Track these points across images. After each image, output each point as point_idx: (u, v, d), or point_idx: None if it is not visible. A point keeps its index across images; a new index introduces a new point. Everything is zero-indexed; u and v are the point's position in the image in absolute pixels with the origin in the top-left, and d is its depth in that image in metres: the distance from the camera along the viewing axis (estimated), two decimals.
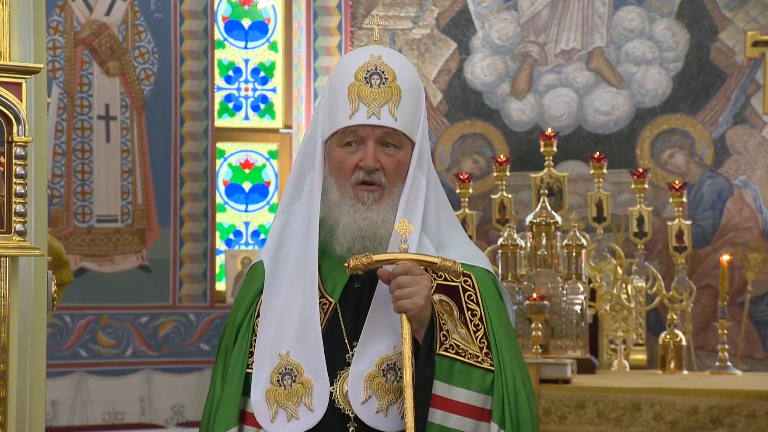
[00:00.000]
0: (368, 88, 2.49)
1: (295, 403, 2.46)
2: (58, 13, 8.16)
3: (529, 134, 8.41)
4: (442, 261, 2.44)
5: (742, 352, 7.82)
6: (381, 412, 2.44)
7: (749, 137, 8.23)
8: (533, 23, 8.59)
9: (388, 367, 2.46)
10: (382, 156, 2.49)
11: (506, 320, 2.54)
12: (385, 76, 2.50)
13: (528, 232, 6.09)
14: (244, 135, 8.78)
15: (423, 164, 2.54)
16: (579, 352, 5.89)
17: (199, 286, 8.35)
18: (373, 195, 2.49)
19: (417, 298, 2.38)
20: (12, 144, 2.45)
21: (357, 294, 2.52)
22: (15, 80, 2.46)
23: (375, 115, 2.48)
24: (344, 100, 2.50)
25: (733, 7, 8.30)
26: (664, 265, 7.79)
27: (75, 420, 8.05)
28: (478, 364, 2.44)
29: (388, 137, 2.49)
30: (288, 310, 2.50)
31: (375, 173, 2.48)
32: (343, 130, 2.50)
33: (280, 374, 2.48)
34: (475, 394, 2.42)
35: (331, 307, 2.52)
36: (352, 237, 2.48)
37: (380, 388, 2.45)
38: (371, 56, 2.52)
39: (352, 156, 2.50)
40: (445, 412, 2.40)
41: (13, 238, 2.46)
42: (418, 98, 2.55)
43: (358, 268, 2.40)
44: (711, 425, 5.10)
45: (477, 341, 2.48)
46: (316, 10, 8.55)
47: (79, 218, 8.19)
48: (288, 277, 2.52)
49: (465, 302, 2.52)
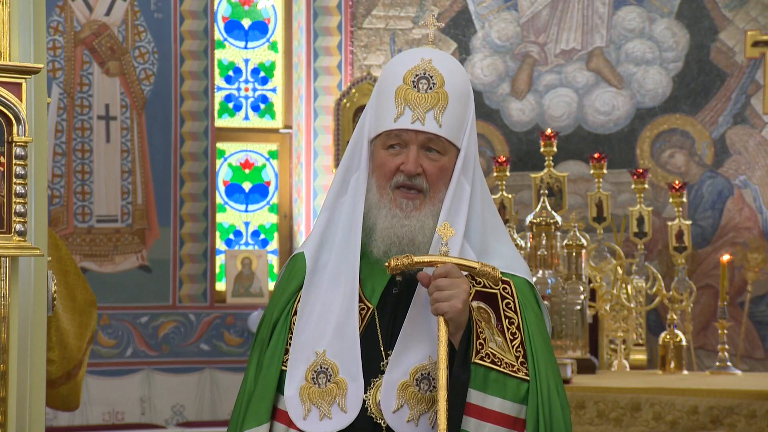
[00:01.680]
0: (415, 93, 2.48)
1: (328, 402, 2.46)
2: (58, 13, 8.16)
3: (529, 134, 8.41)
4: (482, 266, 2.43)
5: (742, 352, 7.82)
6: (412, 421, 2.43)
7: (749, 137, 8.23)
8: (533, 23, 8.59)
9: (422, 376, 2.45)
10: (425, 161, 2.48)
11: (543, 329, 2.53)
12: (433, 81, 2.49)
13: (528, 232, 6.09)
14: (244, 135, 8.78)
15: (468, 170, 2.53)
16: (579, 352, 5.89)
17: (199, 286, 8.35)
18: (414, 203, 2.49)
19: (455, 301, 2.37)
20: (12, 144, 2.45)
21: (394, 300, 2.52)
22: (15, 80, 2.46)
23: (420, 120, 2.47)
24: (391, 102, 2.50)
25: (733, 7, 8.30)
26: (664, 265, 7.78)
27: (75, 420, 8.05)
28: (514, 374, 2.43)
29: (431, 143, 2.48)
30: (327, 309, 2.50)
31: (416, 178, 2.48)
32: (388, 132, 2.50)
33: (315, 372, 2.47)
34: (510, 403, 2.41)
35: (369, 312, 2.51)
36: (389, 242, 2.48)
37: (413, 398, 2.44)
38: (422, 60, 2.51)
39: (394, 159, 2.49)
40: (479, 421, 2.40)
41: (13, 238, 2.46)
42: (466, 104, 2.53)
43: (398, 268, 2.40)
44: (711, 425, 5.10)
45: (513, 350, 2.47)
46: (316, 10, 8.54)
47: (79, 218, 8.19)
48: (328, 275, 2.52)
49: (503, 310, 2.51)
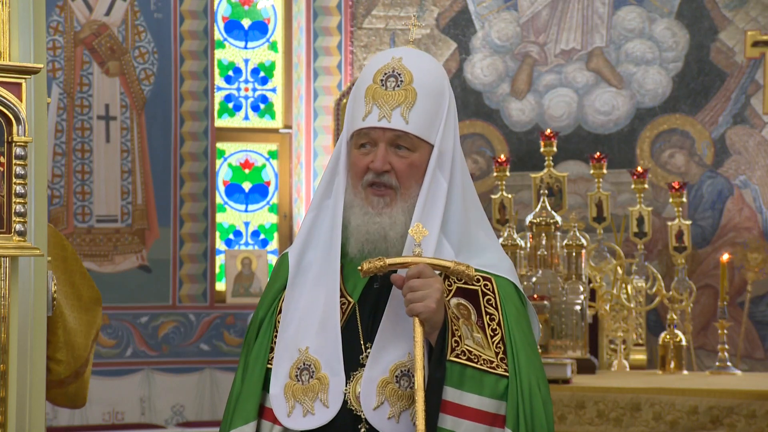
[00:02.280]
0: (383, 91, 2.50)
1: (311, 398, 2.47)
2: (58, 13, 8.16)
3: (529, 134, 8.41)
4: (455, 265, 2.44)
5: (742, 352, 7.82)
6: (393, 418, 2.43)
7: (749, 137, 8.23)
8: (533, 23, 8.59)
9: (401, 373, 2.46)
10: (394, 158, 2.50)
11: (525, 325, 2.53)
12: (401, 79, 2.50)
13: (528, 232, 6.09)
14: (244, 135, 8.78)
15: (445, 166, 2.53)
16: (579, 352, 5.89)
17: (199, 286, 8.35)
18: (384, 200, 2.50)
19: (429, 301, 2.38)
20: (12, 144, 2.45)
21: (375, 295, 2.53)
22: (15, 80, 2.46)
23: (386, 117, 2.49)
24: (361, 102, 2.53)
25: (733, 7, 8.30)
26: (664, 265, 7.78)
27: (75, 420, 8.05)
28: (492, 370, 2.44)
29: (399, 140, 2.50)
30: (311, 307, 2.52)
31: (384, 175, 2.49)
32: (358, 131, 2.52)
33: (298, 369, 2.49)
34: (488, 399, 2.42)
35: (350, 306, 2.53)
36: (362, 240, 2.50)
37: (393, 395, 2.44)
38: (392, 58, 2.54)
39: (364, 157, 2.51)
40: (456, 418, 2.40)
41: (13, 238, 2.46)
42: (439, 100, 2.54)
43: (371, 271, 2.41)
44: (711, 425, 5.10)
45: (493, 346, 2.48)
46: (316, 10, 8.54)
47: (79, 218, 8.19)
48: (313, 274, 2.54)
49: (484, 306, 2.51)
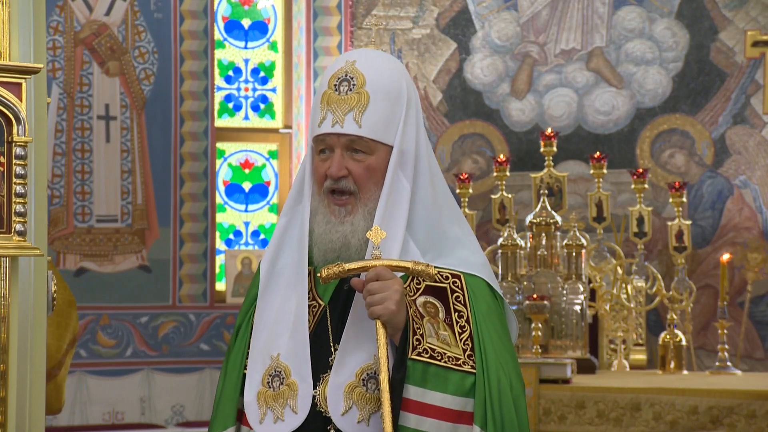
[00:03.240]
0: (336, 96, 2.48)
1: (281, 404, 2.47)
2: (58, 13, 8.16)
3: (529, 134, 8.41)
4: (414, 265, 2.42)
5: (742, 352, 7.82)
6: (363, 422, 2.43)
7: (749, 137, 8.23)
8: (533, 23, 8.59)
9: (368, 376, 2.45)
10: (350, 162, 2.47)
11: (496, 322, 2.51)
12: (353, 83, 2.48)
13: (528, 232, 6.09)
14: (244, 135, 8.78)
15: (406, 166, 2.51)
16: (579, 352, 5.89)
17: (199, 286, 8.35)
18: (346, 208, 2.48)
19: (388, 303, 2.37)
20: (12, 144, 2.45)
21: (345, 297, 2.52)
22: (15, 80, 2.46)
23: (339, 123, 2.47)
24: (318, 108, 2.51)
25: (733, 7, 8.30)
26: (664, 265, 7.78)
27: (75, 420, 8.05)
28: (457, 367, 2.42)
29: (354, 144, 2.47)
30: (283, 313, 2.52)
31: (342, 180, 2.47)
32: (315, 138, 2.51)
33: (270, 376, 2.50)
34: (452, 397, 2.41)
35: (320, 309, 2.52)
36: (324, 248, 2.49)
37: (361, 398, 2.44)
38: (345, 62, 2.51)
39: (323, 164, 2.50)
40: (419, 416, 2.39)
41: (13, 238, 2.45)
42: (395, 101, 2.50)
43: (330, 277, 2.40)
44: (711, 425, 5.10)
45: (461, 343, 2.46)
46: (316, 10, 8.54)
47: (79, 218, 8.19)
48: (285, 280, 2.54)
49: (452, 303, 2.50)
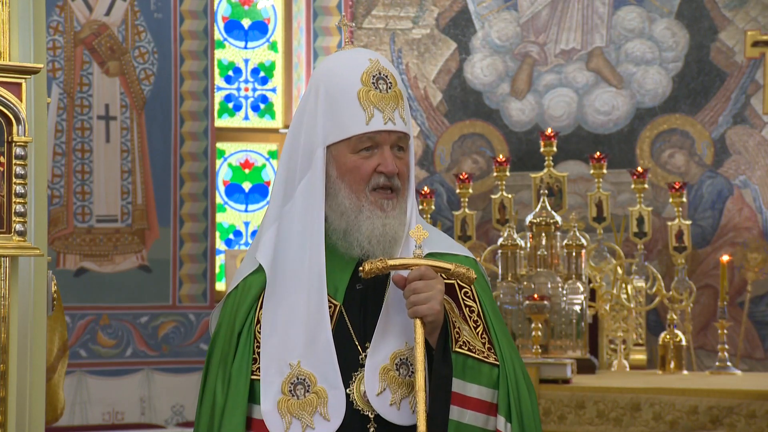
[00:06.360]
0: (379, 94, 2.50)
1: (310, 413, 2.45)
2: (58, 13, 8.16)
3: (529, 134, 8.41)
4: (456, 267, 2.45)
5: (742, 352, 7.82)
6: (395, 405, 2.45)
7: (749, 137, 8.23)
8: (533, 23, 8.59)
9: (401, 361, 2.47)
10: (396, 160, 2.52)
11: (499, 313, 2.58)
12: (389, 81, 2.52)
13: (528, 232, 6.09)
14: (244, 135, 8.78)
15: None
16: (579, 352, 5.89)
17: (199, 286, 8.35)
18: (392, 202, 2.51)
19: (433, 303, 2.40)
20: (12, 144, 2.45)
21: (360, 295, 2.52)
22: (15, 80, 2.46)
23: (391, 120, 2.50)
24: (354, 106, 2.50)
25: (732, 7, 8.30)
26: (664, 265, 7.78)
27: (75, 420, 8.05)
28: (485, 359, 2.46)
29: (400, 141, 2.52)
30: (293, 317, 2.49)
31: (394, 178, 2.51)
32: (360, 136, 2.50)
33: (292, 384, 2.46)
34: (485, 389, 2.45)
35: (336, 310, 2.51)
36: (375, 242, 2.49)
37: (393, 382, 2.46)
38: (370, 61, 2.53)
39: (368, 161, 2.50)
40: (461, 408, 2.43)
41: (13, 238, 2.46)
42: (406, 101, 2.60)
43: (372, 272, 2.41)
44: (711, 425, 5.10)
45: (479, 337, 2.50)
46: (316, 10, 8.54)
47: (79, 218, 8.19)
48: (290, 283, 2.51)
49: (462, 299, 2.53)
